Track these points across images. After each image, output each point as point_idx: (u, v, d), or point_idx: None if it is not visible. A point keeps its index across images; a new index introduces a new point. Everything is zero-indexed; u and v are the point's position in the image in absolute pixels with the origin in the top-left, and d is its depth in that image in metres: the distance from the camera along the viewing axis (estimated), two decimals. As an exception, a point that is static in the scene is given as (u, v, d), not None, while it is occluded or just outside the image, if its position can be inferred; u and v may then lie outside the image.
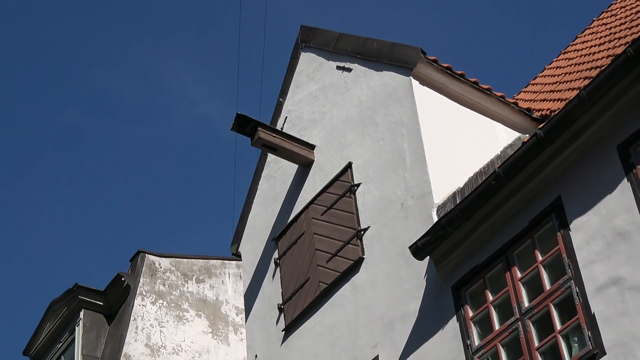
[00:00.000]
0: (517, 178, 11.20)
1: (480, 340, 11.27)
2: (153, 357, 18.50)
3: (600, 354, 9.90)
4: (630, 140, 10.44)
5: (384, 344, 12.32)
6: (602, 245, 10.35)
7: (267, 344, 14.37)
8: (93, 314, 19.56)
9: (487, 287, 11.48)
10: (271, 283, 14.70)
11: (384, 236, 12.92)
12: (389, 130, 13.46)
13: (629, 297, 9.95)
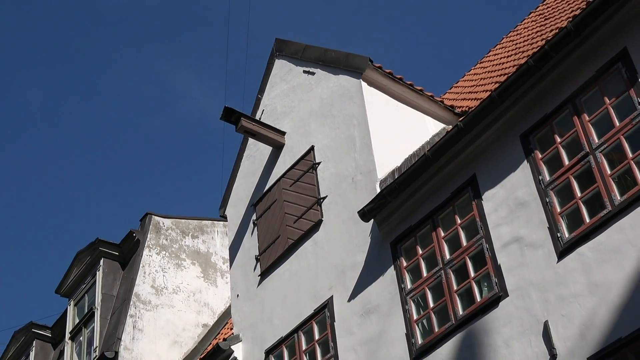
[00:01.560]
0: (442, 159, 11.21)
1: (412, 284, 11.28)
2: (157, 295, 18.42)
3: (504, 295, 9.97)
4: (530, 130, 10.53)
5: (338, 287, 12.30)
6: (506, 212, 10.37)
7: (247, 286, 14.31)
8: (110, 261, 19.45)
9: (418, 243, 11.48)
10: (250, 239, 14.64)
11: (338, 203, 12.88)
12: (343, 121, 13.42)
13: (526, 251, 9.98)
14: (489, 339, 9.95)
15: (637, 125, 9.27)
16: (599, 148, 9.60)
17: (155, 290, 18.52)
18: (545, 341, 9.31)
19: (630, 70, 9.51)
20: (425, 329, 10.91)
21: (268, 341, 13.20)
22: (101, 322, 18.40)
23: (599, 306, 8.94)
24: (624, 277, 8.80)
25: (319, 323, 12.47)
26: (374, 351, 11.32)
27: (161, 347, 17.64)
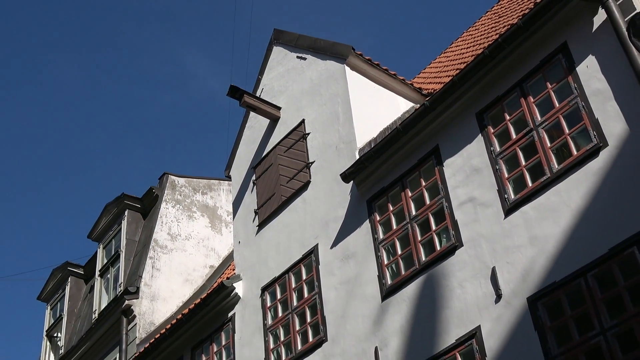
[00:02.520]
0: (410, 132, 11.20)
1: (384, 235, 11.31)
2: (172, 241, 18.46)
3: (459, 245, 10.03)
4: (484, 109, 10.54)
5: (322, 236, 12.33)
6: (463, 177, 10.38)
7: (247, 234, 14.33)
8: (133, 212, 19.47)
9: (389, 201, 11.49)
10: (250, 195, 14.64)
11: (324, 167, 12.87)
12: (329, 99, 13.38)
13: (479, 210, 10.02)
14: (447, 281, 10.03)
15: (574, 106, 9.31)
16: (541, 125, 9.62)
17: (170, 237, 18.56)
18: (493, 284, 9.40)
19: (569, 60, 9.55)
20: (394, 272, 10.97)
21: (264, 280, 13.25)
22: (125, 263, 18.45)
23: (537, 255, 9.02)
24: (559, 231, 8.87)
25: (306, 266, 12.51)
26: (351, 290, 11.38)
27: (175, 284, 17.72)
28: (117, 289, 18.07)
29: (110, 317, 17.28)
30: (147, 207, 19.62)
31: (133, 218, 19.45)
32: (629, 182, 8.34)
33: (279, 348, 12.41)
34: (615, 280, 8.18)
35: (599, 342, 8.08)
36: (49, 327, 21.28)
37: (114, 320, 17.14)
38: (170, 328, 14.76)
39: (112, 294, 18.41)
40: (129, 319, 16.77)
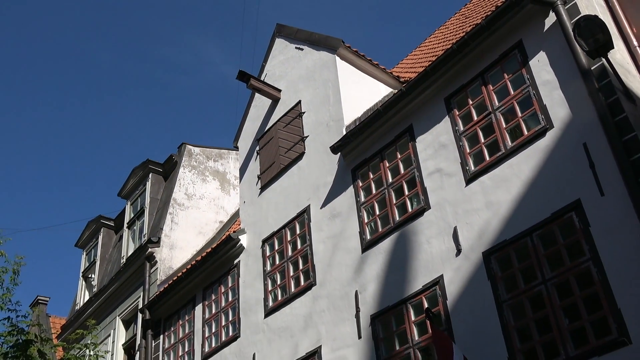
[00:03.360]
0: (389, 113, 11.18)
1: (365, 198, 11.33)
2: (188, 200, 18.44)
3: (427, 208, 10.06)
4: (451, 95, 10.51)
5: (314, 198, 12.35)
6: (432, 151, 10.38)
7: (251, 196, 14.34)
8: (156, 175, 19.40)
9: (370, 170, 11.51)
10: (254, 163, 14.62)
11: (317, 140, 12.84)
12: (322, 84, 13.31)
13: (444, 179, 10.04)
14: (416, 237, 10.08)
15: (526, 94, 9.30)
16: (499, 109, 9.61)
17: (187, 196, 18.54)
18: (454, 240, 9.46)
19: (523, 55, 9.51)
20: (372, 229, 11.01)
21: (264, 234, 13.28)
22: (149, 217, 18.46)
23: (492, 217, 9.07)
24: (511, 198, 8.91)
25: (300, 222, 12.54)
26: (336, 243, 11.43)
27: (190, 236, 17.74)
28: (142, 239, 18.10)
29: (136, 262, 17.33)
30: (167, 171, 19.58)
31: (156, 180, 19.43)
32: (570, 159, 8.38)
33: (276, 290, 12.49)
34: (556, 240, 8.26)
35: (540, 290, 8.19)
36: (85, 269, 21.34)
37: (138, 265, 17.19)
38: (185, 272, 14.84)
39: (138, 243, 18.45)
40: (151, 263, 16.82)
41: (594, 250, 7.76)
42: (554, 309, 7.93)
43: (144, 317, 15.71)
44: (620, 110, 7.96)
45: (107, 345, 17.31)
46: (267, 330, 12.17)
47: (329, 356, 10.68)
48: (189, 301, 14.75)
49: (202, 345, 13.77)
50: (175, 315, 15.10)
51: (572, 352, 7.59)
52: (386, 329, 9.99)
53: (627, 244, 7.47)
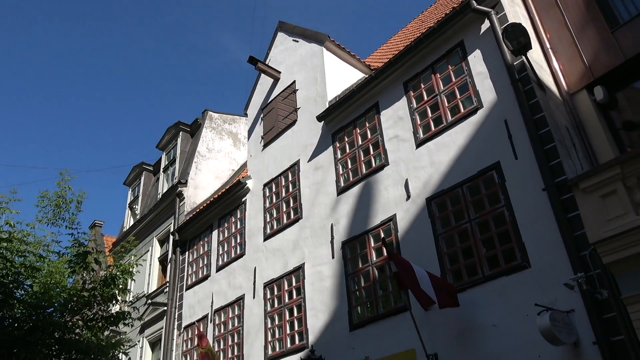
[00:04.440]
0: (362, 92, 11.04)
1: (341, 156, 11.27)
2: (209, 152, 18.28)
3: (386, 164, 10.00)
4: (408, 80, 10.36)
5: (303, 155, 12.28)
6: (392, 122, 10.32)
7: (256, 151, 14.22)
8: (185, 133, 19.13)
9: (346, 135, 11.40)
10: (259, 127, 14.47)
11: (306, 111, 12.71)
12: (312, 68, 13.10)
13: (400, 143, 9.99)
14: (377, 185, 10.11)
15: (464, 81, 9.21)
16: (443, 92, 9.54)
17: (208, 150, 18.36)
18: (405, 189, 9.49)
19: (464, 52, 9.39)
20: (345, 179, 11.01)
21: (265, 179, 13.23)
22: (179, 164, 18.31)
23: (434, 173, 9.09)
24: (448, 159, 8.92)
25: (291, 172, 12.50)
26: (319, 188, 11.44)
27: (210, 179, 17.65)
28: (173, 181, 17.99)
29: (169, 197, 17.25)
30: (193, 130, 19.32)
31: (184, 137, 19.18)
32: (494, 131, 8.38)
33: (273, 221, 12.53)
34: (480, 191, 8.31)
35: (466, 227, 8.28)
36: (130, 202, 21.23)
37: (170, 200, 17.13)
38: (205, 206, 14.81)
39: (170, 183, 18.33)
40: (180, 199, 16.76)
41: (507, 199, 7.84)
42: (475, 241, 8.05)
43: (174, 238, 15.74)
44: (533, 96, 7.94)
45: (147, 258, 17.38)
46: (265, 251, 12.27)
47: (310, 270, 10.81)
48: (207, 227, 14.78)
49: (217, 260, 13.87)
50: (197, 237, 15.14)
51: (487, 272, 7.74)
52: (352, 252, 10.10)
53: (531, 195, 7.55)
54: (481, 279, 7.71)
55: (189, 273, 14.82)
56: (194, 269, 14.72)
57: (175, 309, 14.63)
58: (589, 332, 6.36)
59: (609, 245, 6.04)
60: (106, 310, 9.73)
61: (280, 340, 10.87)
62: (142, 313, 15.65)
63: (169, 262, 15.74)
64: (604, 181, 6.39)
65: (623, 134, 8.03)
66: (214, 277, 13.66)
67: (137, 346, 15.79)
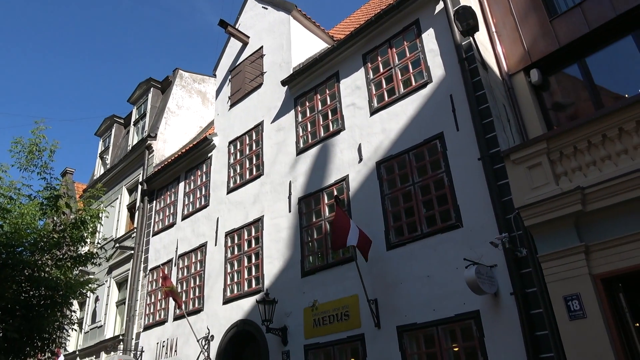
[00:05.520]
0: (324, 61, 10.89)
1: (301, 119, 11.17)
2: (178, 109, 17.73)
3: (342, 129, 10.01)
4: (367, 53, 10.25)
5: (266, 116, 12.10)
6: (350, 90, 10.25)
7: (223, 110, 13.88)
8: (156, 89, 18.43)
9: (307, 100, 11.27)
10: (227, 87, 14.09)
11: (272, 75, 12.45)
12: (279, 35, 12.76)
13: (356, 110, 9.95)
14: (333, 148, 10.11)
15: (417, 57, 9.20)
16: (397, 65, 9.53)
17: (177, 107, 17.77)
18: (358, 152, 9.53)
19: (419, 29, 9.35)
20: (304, 140, 10.93)
21: (230, 137, 13.00)
22: (149, 119, 17.71)
23: (384, 139, 9.16)
24: (398, 127, 8.99)
25: (255, 132, 12.31)
26: (280, 148, 11.36)
27: (178, 134, 17.18)
28: (143, 134, 17.44)
29: (138, 149, 16.75)
30: (164, 87, 18.64)
31: (155, 93, 18.50)
32: (440, 104, 8.47)
33: (236, 176, 12.40)
34: (424, 157, 8.44)
35: (410, 189, 8.44)
36: (101, 152, 20.49)
37: (140, 152, 16.63)
38: (174, 159, 14.48)
39: (140, 136, 17.76)
40: (149, 152, 16.31)
41: (447, 166, 8.01)
42: (417, 202, 8.23)
43: (143, 188, 15.39)
44: (477, 74, 8.03)
45: (116, 205, 16.97)
46: (228, 203, 12.19)
47: (268, 222, 10.84)
48: (175, 179, 14.50)
49: (183, 209, 13.69)
50: (165, 188, 14.86)
51: (425, 230, 7.96)
52: (308, 207, 10.17)
53: (468, 164, 7.74)
54: (420, 235, 7.95)
55: (156, 220, 14.60)
56: (161, 217, 14.50)
57: (142, 252, 14.46)
58: (507, 284, 6.70)
59: (531, 210, 6.31)
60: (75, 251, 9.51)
61: (238, 283, 10.97)
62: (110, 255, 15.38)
63: (137, 209, 15.44)
64: (531, 154, 6.62)
65: (552, 113, 8.28)
66: (180, 225, 13.51)
67: (105, 285, 15.60)
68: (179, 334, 11.90)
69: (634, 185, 5.65)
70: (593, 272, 5.80)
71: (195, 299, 11.85)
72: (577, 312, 5.75)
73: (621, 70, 7.56)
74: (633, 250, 5.57)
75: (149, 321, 13.18)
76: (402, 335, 7.61)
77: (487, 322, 6.73)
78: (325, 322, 8.72)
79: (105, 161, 19.88)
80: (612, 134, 6.07)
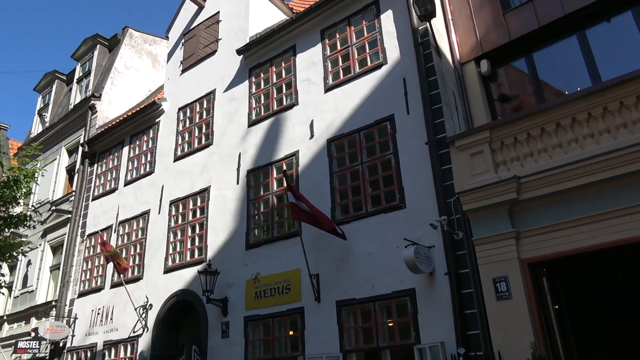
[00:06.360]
0: (281, 33, 10.73)
1: (255, 90, 11.03)
2: (126, 70, 16.94)
3: (296, 104, 9.94)
4: (325, 29, 10.18)
5: (219, 85, 11.84)
6: (305, 66, 10.20)
7: (174, 75, 13.42)
8: (103, 47, 17.46)
9: (262, 72, 11.11)
10: (179, 51, 13.61)
11: (227, 43, 12.15)
12: (237, 2, 12.41)
13: (311, 86, 9.91)
14: (285, 122, 10.08)
15: (374, 37, 9.25)
16: (355, 44, 9.54)
17: (125, 67, 16.99)
18: (310, 129, 9.55)
19: (378, 10, 9.39)
20: (257, 112, 10.83)
21: (180, 103, 12.65)
22: (94, 78, 16.87)
23: (337, 117, 9.23)
24: (351, 106, 9.07)
25: (207, 99, 12.05)
26: (232, 118, 11.19)
27: (124, 96, 16.50)
28: (87, 93, 16.63)
29: (81, 109, 15.97)
30: (112, 45, 17.75)
31: (102, 50, 17.59)
32: (393, 86, 8.60)
33: (184, 144, 12.13)
34: (374, 138, 8.59)
35: (358, 168, 8.60)
36: (39, 109, 19.37)
37: (83, 111, 15.87)
38: (119, 122, 13.94)
39: (84, 95, 16.91)
40: (93, 112, 15.59)
41: (395, 148, 8.20)
42: (364, 181, 8.40)
43: (84, 150, 14.77)
44: (430, 60, 8.20)
45: (54, 166, 16.20)
46: (174, 171, 11.94)
47: (215, 193, 10.74)
48: (119, 143, 13.99)
49: (126, 175, 13.28)
50: (107, 151, 14.31)
51: (370, 209, 8.17)
52: (256, 180, 10.14)
53: (415, 147, 7.95)
54: (364, 214, 8.15)
55: (97, 185, 14.10)
56: (102, 181, 14.01)
57: (80, 217, 13.96)
58: (443, 264, 7.03)
59: (469, 195, 6.62)
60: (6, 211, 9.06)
61: (180, 253, 10.86)
62: (45, 219, 14.76)
63: (77, 172, 14.82)
64: (474, 142, 6.90)
65: (497, 104, 8.62)
66: (122, 190, 13.12)
67: (39, 249, 14.98)
68: (115, 302, 11.68)
69: (564, 178, 6.05)
70: (521, 256, 6.20)
71: (135, 267, 11.64)
72: (504, 293, 6.15)
73: (564, 68, 7.96)
74: (558, 238, 5.99)
75: (84, 288, 12.84)
76: (340, 309, 7.85)
77: (421, 300, 7.07)
78: (267, 295, 8.84)
79: (44, 119, 18.85)
80: (550, 128, 6.43)
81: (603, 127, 6.08)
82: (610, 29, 7.63)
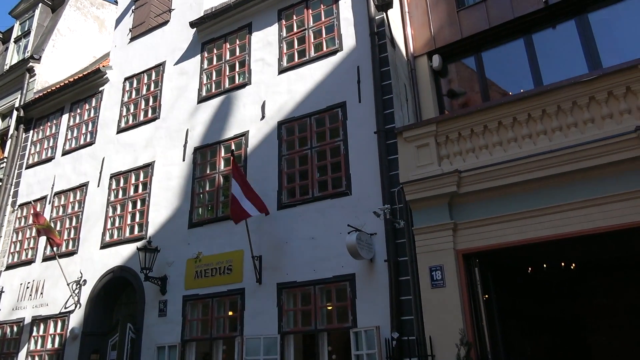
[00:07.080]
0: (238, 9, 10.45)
1: (207, 66, 10.75)
2: (70, 33, 16.00)
3: (249, 84, 9.79)
4: (283, 9, 10.06)
5: (169, 57, 11.44)
6: (261, 45, 10.05)
7: (122, 42, 12.82)
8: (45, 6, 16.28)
9: (215, 47, 10.84)
10: (128, 18, 13.02)
11: (180, 14, 11.74)
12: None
13: (264, 67, 9.81)
14: (236, 101, 9.92)
15: (332, 22, 9.23)
16: (312, 28, 9.48)
17: (69, 30, 16.06)
18: (262, 110, 9.46)
19: (337, -5, 9.37)
20: (207, 89, 10.57)
21: (127, 73, 12.13)
22: (34, 39, 15.85)
23: (289, 100, 9.19)
24: (304, 90, 9.05)
25: (155, 71, 11.61)
26: (182, 93, 10.87)
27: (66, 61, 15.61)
28: (25, 54, 15.62)
29: (17, 70, 15.00)
30: (56, 5, 16.69)
31: (44, 9, 16.52)
32: (347, 74, 8.64)
33: (129, 116, 11.69)
34: (325, 124, 8.63)
35: (307, 153, 8.62)
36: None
37: (19, 73, 14.92)
38: (59, 87, 13.21)
39: (22, 56, 15.87)
40: (31, 75, 14.69)
41: (345, 135, 8.28)
42: (312, 166, 8.45)
43: (19, 114, 13.91)
44: (385, 50, 8.30)
45: (-16, 130, 15.18)
46: (116, 143, 11.49)
47: (159, 169, 10.46)
48: (58, 110, 13.28)
49: (64, 144, 12.65)
50: (45, 118, 13.56)
51: (316, 194, 8.24)
52: (203, 158, 9.96)
53: (365, 135, 8.06)
54: (310, 198, 8.21)
55: (32, 152, 13.36)
56: (37, 149, 13.29)
57: (11, 185, 13.21)
58: (383, 251, 7.23)
59: (413, 186, 6.83)
60: None
61: (119, 229, 10.53)
62: (-27, 185, 13.85)
63: (10, 137, 13.97)
64: (421, 134, 7.10)
65: (446, 99, 8.89)
66: (59, 160, 12.51)
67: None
68: (47, 276, 11.20)
69: (501, 175, 6.35)
70: (457, 247, 6.49)
71: (70, 240, 11.19)
72: (439, 282, 6.43)
73: (510, 69, 8.30)
74: (491, 231, 6.31)
75: (13, 260, 12.21)
76: (281, 292, 7.93)
77: (360, 285, 7.25)
78: (208, 275, 8.77)
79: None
80: (492, 126, 6.72)
81: (540, 129, 6.42)
82: (555, 35, 8.02)
